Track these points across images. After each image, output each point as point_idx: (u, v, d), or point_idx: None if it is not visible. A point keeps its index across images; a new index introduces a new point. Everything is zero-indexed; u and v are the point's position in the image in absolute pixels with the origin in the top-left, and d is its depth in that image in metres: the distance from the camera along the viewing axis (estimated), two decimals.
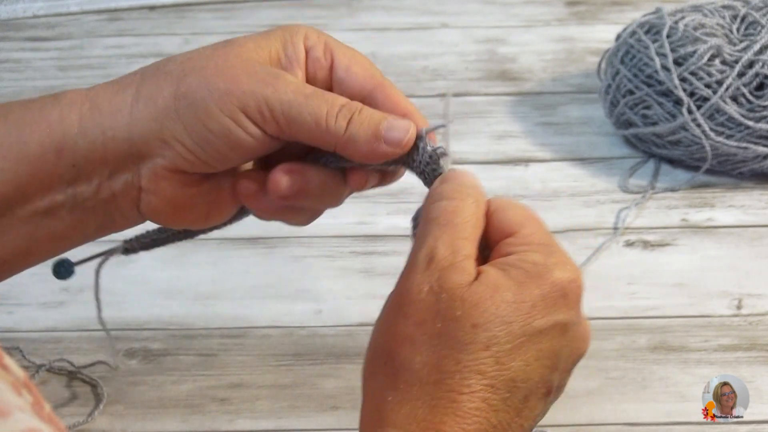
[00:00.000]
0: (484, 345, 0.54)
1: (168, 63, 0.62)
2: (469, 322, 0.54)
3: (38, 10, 1.33)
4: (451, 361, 0.54)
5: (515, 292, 0.56)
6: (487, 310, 0.55)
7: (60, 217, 0.62)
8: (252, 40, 0.62)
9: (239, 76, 0.60)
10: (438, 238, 0.57)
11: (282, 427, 0.80)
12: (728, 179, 1.03)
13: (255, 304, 0.90)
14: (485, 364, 0.54)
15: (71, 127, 0.61)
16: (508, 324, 0.55)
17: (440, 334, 0.55)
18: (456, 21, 1.30)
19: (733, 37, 1.04)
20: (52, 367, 0.84)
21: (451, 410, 0.54)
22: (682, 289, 0.91)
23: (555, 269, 0.57)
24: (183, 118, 0.60)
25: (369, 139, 0.61)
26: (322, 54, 0.63)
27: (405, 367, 0.55)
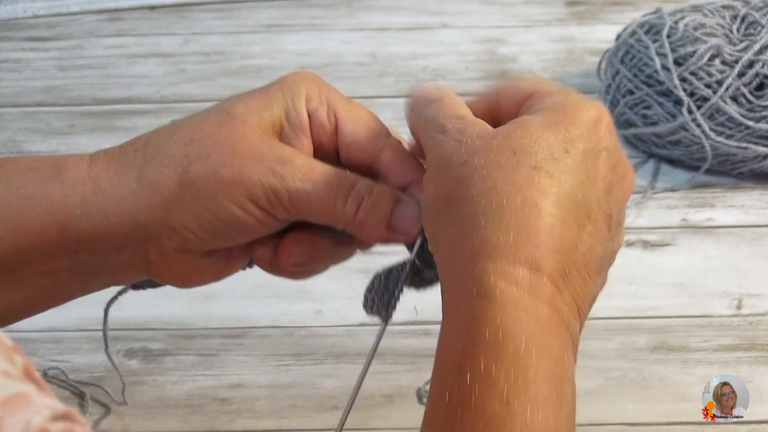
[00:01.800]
0: (532, 166, 0.54)
1: (169, 143, 0.60)
2: (508, 150, 0.54)
3: (38, 10, 1.33)
4: (507, 183, 0.53)
5: (545, 123, 0.55)
6: (523, 137, 0.54)
7: (63, 279, 0.62)
8: (253, 113, 0.60)
9: (246, 165, 0.59)
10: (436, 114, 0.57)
11: (282, 427, 0.80)
12: (728, 179, 1.03)
13: (255, 304, 0.90)
14: (542, 183, 0.53)
15: (74, 208, 0.59)
16: (549, 146, 0.54)
17: (486, 165, 0.54)
18: (456, 21, 1.30)
19: (733, 37, 1.04)
20: (46, 374, 0.84)
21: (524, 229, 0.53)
22: (682, 289, 0.91)
23: (578, 104, 0.56)
24: (191, 208, 0.59)
25: (378, 226, 0.61)
26: (326, 116, 0.62)
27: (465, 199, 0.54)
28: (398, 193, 0.61)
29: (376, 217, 0.60)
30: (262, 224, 0.60)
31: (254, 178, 0.59)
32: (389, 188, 0.61)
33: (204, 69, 1.20)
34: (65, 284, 0.62)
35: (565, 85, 0.59)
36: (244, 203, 0.59)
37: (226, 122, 0.60)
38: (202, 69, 1.20)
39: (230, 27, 1.29)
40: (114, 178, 0.60)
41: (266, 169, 0.59)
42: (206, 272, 0.64)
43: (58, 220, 0.59)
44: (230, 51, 1.24)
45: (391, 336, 0.85)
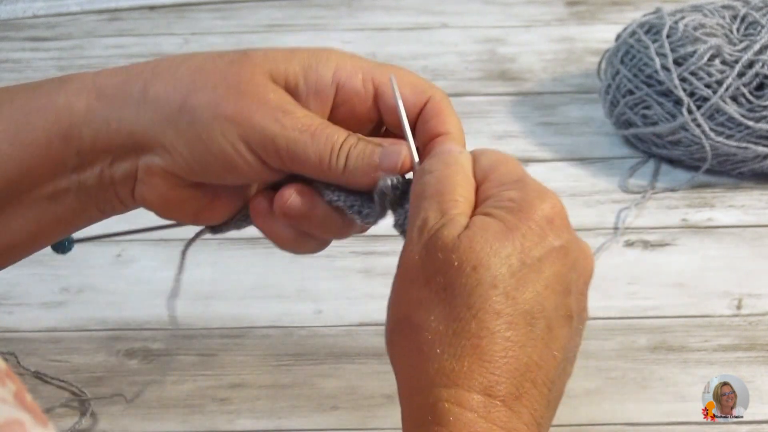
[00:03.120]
0: (490, 284, 0.54)
1: (180, 65, 0.61)
2: (468, 266, 0.54)
3: (38, 10, 1.33)
4: (463, 308, 0.54)
5: (503, 229, 0.56)
6: (482, 250, 0.55)
7: (64, 202, 0.63)
8: (271, 60, 0.61)
9: (248, 105, 0.60)
10: (427, 209, 0.57)
11: (282, 427, 0.80)
12: (728, 179, 1.03)
13: (255, 304, 0.90)
14: (497, 303, 0.54)
15: (78, 115, 0.61)
16: (507, 258, 0.55)
17: (446, 287, 0.55)
18: (456, 21, 1.30)
19: (733, 37, 1.04)
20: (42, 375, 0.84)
21: (477, 356, 0.53)
22: (682, 289, 0.91)
23: (534, 201, 0.57)
24: (185, 133, 0.60)
25: (366, 171, 0.61)
26: (361, 84, 0.62)
27: (422, 327, 0.55)
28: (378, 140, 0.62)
29: (362, 162, 0.61)
30: (250, 169, 0.61)
31: (254, 120, 0.60)
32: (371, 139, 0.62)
33: None
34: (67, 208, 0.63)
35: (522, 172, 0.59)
36: (236, 142, 0.60)
37: (239, 61, 0.61)
38: None
39: (230, 27, 1.30)
40: (118, 86, 0.61)
41: (268, 115, 0.60)
42: (187, 205, 0.64)
43: (62, 129, 0.61)
44: None
45: None
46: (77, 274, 0.93)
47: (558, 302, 0.56)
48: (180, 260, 0.70)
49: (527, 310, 0.55)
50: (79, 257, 0.94)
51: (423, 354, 0.54)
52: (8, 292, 0.91)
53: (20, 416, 0.37)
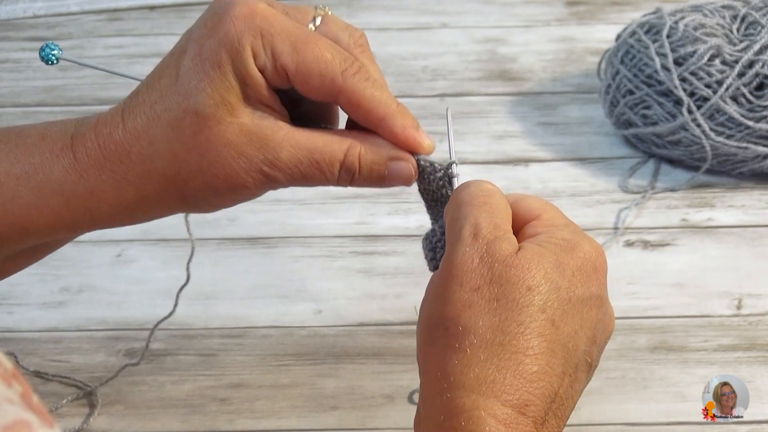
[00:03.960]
0: (540, 308, 0.55)
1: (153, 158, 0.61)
2: (524, 285, 0.56)
3: (38, 10, 1.33)
4: (513, 323, 0.55)
5: (556, 262, 0.57)
6: (538, 274, 0.56)
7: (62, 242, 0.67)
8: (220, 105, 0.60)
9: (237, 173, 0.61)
10: (478, 215, 0.58)
11: (282, 427, 0.80)
12: (728, 179, 1.03)
13: (255, 304, 0.90)
14: (544, 327, 0.55)
15: None
16: (557, 289, 0.56)
17: (498, 298, 0.55)
18: (456, 21, 1.30)
19: (733, 37, 1.04)
20: (45, 373, 0.84)
21: (519, 372, 0.54)
22: (682, 289, 0.91)
23: (584, 244, 0.58)
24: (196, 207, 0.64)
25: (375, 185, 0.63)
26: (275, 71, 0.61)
27: (469, 330, 0.55)
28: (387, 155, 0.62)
29: (370, 182, 0.63)
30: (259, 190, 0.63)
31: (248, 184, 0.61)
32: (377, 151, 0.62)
33: None
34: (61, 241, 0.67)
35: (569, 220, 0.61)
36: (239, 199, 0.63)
37: (201, 128, 0.60)
38: None
39: None
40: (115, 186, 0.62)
41: (257, 173, 0.61)
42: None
43: None
44: None
45: (391, 336, 0.85)
46: (77, 274, 0.93)
47: (587, 347, 0.58)
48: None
49: (565, 343, 0.56)
50: (79, 257, 0.94)
51: (465, 356, 0.55)
52: (8, 292, 0.91)
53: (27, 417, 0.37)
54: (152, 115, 0.61)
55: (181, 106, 0.61)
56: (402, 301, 0.62)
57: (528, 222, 0.60)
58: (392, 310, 0.62)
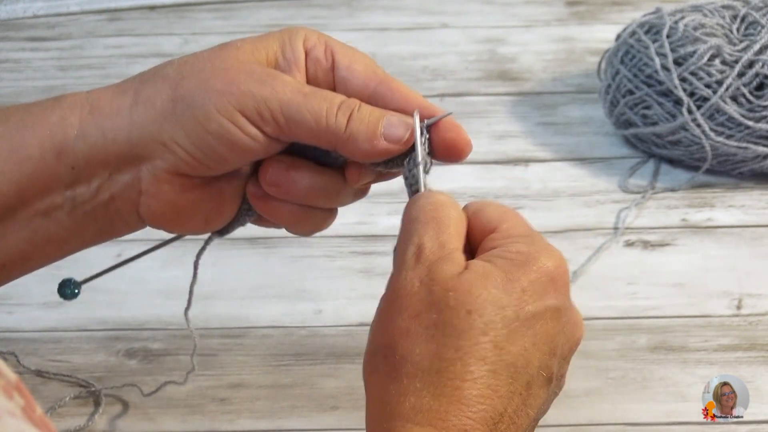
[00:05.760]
0: (481, 330, 0.54)
1: (166, 66, 0.62)
2: (463, 309, 0.55)
3: (38, 10, 1.33)
4: (450, 349, 0.54)
5: (504, 279, 0.56)
6: (480, 296, 0.55)
7: (59, 220, 0.62)
8: (249, 42, 0.62)
9: (236, 77, 0.60)
10: (423, 234, 0.57)
11: (282, 427, 0.80)
12: (728, 179, 1.03)
13: (255, 304, 0.90)
14: (485, 350, 0.54)
15: (71, 129, 0.61)
16: (502, 309, 0.55)
17: (437, 324, 0.55)
18: (456, 21, 1.30)
19: (733, 37, 1.04)
20: (46, 372, 0.84)
21: (456, 398, 0.54)
22: (682, 289, 0.91)
23: (540, 256, 0.57)
24: (181, 121, 0.60)
25: (369, 137, 0.61)
26: (323, 54, 0.63)
27: (405, 359, 0.55)
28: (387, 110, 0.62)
29: (367, 127, 0.61)
30: (251, 140, 0.61)
31: (244, 87, 0.60)
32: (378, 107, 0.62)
33: None
34: (61, 226, 0.63)
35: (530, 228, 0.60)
36: (234, 114, 0.60)
37: (221, 48, 0.62)
38: None
39: (230, 27, 1.29)
40: (111, 98, 0.62)
41: (257, 81, 0.60)
42: (196, 212, 0.64)
43: (56, 143, 0.61)
44: None
45: None
46: (77, 274, 0.93)
47: (543, 362, 0.56)
48: (193, 271, 0.70)
49: (512, 362, 0.55)
50: (79, 257, 0.94)
51: (402, 385, 0.54)
52: (8, 292, 0.91)
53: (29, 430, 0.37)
54: None
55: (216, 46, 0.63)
56: None
57: (487, 234, 0.59)
58: None
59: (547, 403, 0.59)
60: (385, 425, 0.54)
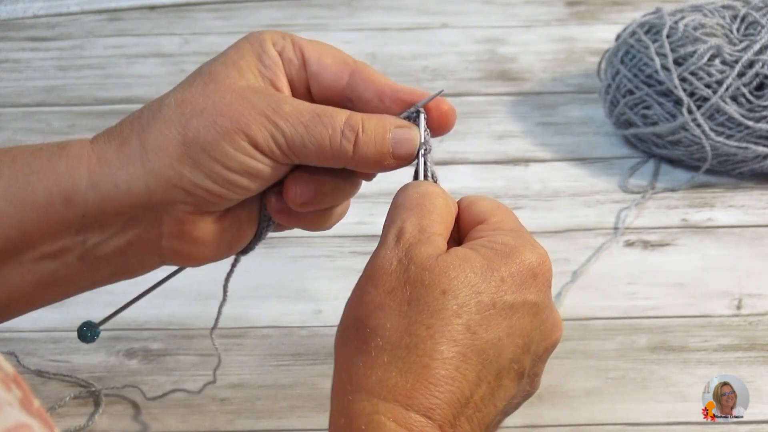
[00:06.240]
0: (454, 312, 0.54)
1: (162, 108, 0.61)
2: (438, 289, 0.55)
3: (38, 10, 1.33)
4: (422, 326, 0.54)
5: (484, 266, 0.56)
6: (457, 278, 0.55)
7: (68, 263, 0.62)
8: (231, 66, 0.62)
9: (241, 112, 0.60)
10: (406, 219, 0.58)
11: (282, 427, 0.80)
12: (728, 179, 1.03)
13: (255, 304, 0.90)
14: (457, 331, 0.54)
15: (80, 180, 0.60)
16: (478, 294, 0.55)
17: (410, 300, 0.55)
18: (456, 21, 1.30)
19: (733, 37, 1.04)
20: (46, 372, 0.84)
21: (423, 377, 0.53)
22: (682, 289, 0.91)
23: (524, 250, 0.57)
24: (199, 164, 0.60)
25: (378, 159, 0.62)
26: (292, 52, 0.64)
27: (376, 332, 0.55)
28: (390, 119, 0.62)
29: (374, 150, 0.61)
30: (269, 168, 0.61)
31: (252, 125, 0.60)
32: (378, 117, 0.62)
33: None
34: (70, 269, 0.62)
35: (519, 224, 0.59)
36: (248, 148, 0.60)
37: (210, 80, 0.61)
38: None
39: (230, 27, 1.29)
40: (117, 149, 0.61)
41: (260, 116, 0.60)
42: (222, 240, 0.64)
43: (64, 191, 0.60)
44: None
45: None
46: None
47: (515, 355, 0.56)
48: (223, 293, 0.70)
49: (483, 349, 0.55)
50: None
51: (370, 358, 0.54)
52: None
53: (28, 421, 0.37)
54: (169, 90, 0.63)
55: (193, 74, 0.63)
56: None
57: (476, 224, 0.59)
58: None
59: (517, 398, 0.58)
60: (349, 397, 0.54)
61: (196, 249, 0.64)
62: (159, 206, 0.61)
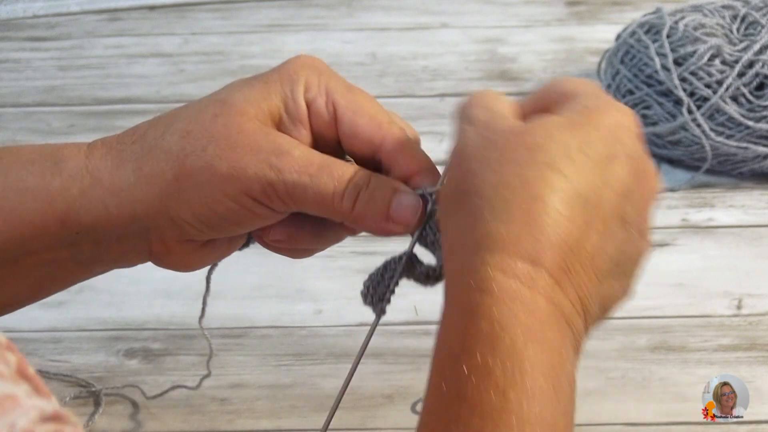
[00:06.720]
0: (545, 164, 0.53)
1: (166, 135, 0.60)
2: (524, 147, 0.53)
3: (38, 10, 1.33)
4: (515, 177, 0.53)
5: (567, 123, 0.54)
6: (540, 136, 0.54)
7: (65, 267, 0.62)
8: (251, 103, 0.60)
9: (242, 158, 0.59)
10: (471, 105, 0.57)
11: (282, 427, 0.80)
12: (728, 179, 1.03)
13: (255, 304, 0.90)
14: (551, 179, 0.53)
15: (74, 201, 0.60)
16: (566, 146, 0.53)
17: (500, 160, 0.53)
18: (456, 21, 1.30)
19: (733, 37, 1.04)
20: (46, 372, 0.84)
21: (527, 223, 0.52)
22: (682, 289, 0.91)
23: (609, 109, 0.55)
24: (187, 201, 0.59)
25: (377, 219, 0.60)
26: (324, 106, 0.61)
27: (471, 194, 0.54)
28: (396, 184, 0.61)
29: (373, 209, 0.60)
30: (258, 217, 0.60)
31: (250, 171, 0.59)
32: (387, 179, 0.61)
33: (204, 69, 1.20)
34: (67, 271, 0.63)
35: (599, 91, 0.57)
36: (240, 197, 0.59)
37: (222, 113, 0.60)
38: (202, 69, 1.20)
39: (230, 27, 1.29)
40: (112, 170, 0.60)
41: (263, 162, 0.59)
42: (208, 258, 0.65)
43: (58, 212, 0.60)
44: (230, 51, 1.24)
45: (391, 336, 0.85)
46: None
47: (615, 201, 0.54)
48: (206, 284, 0.70)
49: (583, 193, 0.53)
50: None
51: (472, 216, 0.53)
52: None
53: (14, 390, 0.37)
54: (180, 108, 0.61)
55: (212, 98, 0.61)
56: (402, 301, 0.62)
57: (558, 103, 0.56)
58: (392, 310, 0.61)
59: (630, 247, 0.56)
60: (457, 260, 0.53)
61: (183, 264, 0.64)
62: (146, 230, 0.61)
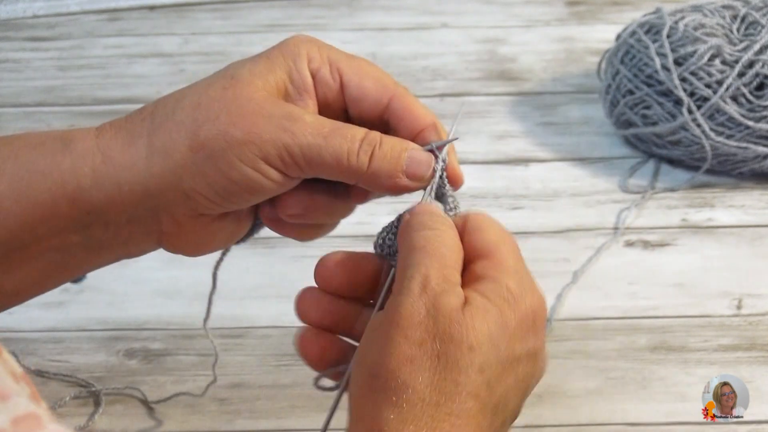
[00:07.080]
0: (479, 368, 0.55)
1: (176, 109, 0.61)
2: (465, 344, 0.55)
3: (38, 10, 1.33)
4: (451, 383, 0.55)
5: (499, 317, 0.57)
6: (482, 334, 0.56)
7: (74, 254, 0.62)
8: (257, 76, 0.61)
9: (255, 123, 0.59)
10: (429, 266, 0.57)
11: (282, 427, 0.80)
12: (728, 179, 1.03)
13: (255, 304, 0.90)
14: (479, 388, 0.55)
15: (84, 179, 0.60)
16: (497, 348, 0.56)
17: (440, 355, 0.55)
18: (456, 21, 1.30)
19: (733, 37, 1.04)
20: (46, 372, 0.84)
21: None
22: (682, 289, 0.91)
23: (526, 296, 0.58)
24: (202, 171, 0.60)
25: (391, 174, 0.61)
26: (329, 75, 0.62)
27: (407, 385, 0.55)
28: (407, 141, 0.62)
29: (388, 166, 0.61)
30: (274, 183, 0.61)
31: (265, 136, 0.59)
32: (397, 138, 0.61)
33: (204, 69, 1.20)
34: (76, 258, 0.63)
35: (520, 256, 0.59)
36: (256, 162, 0.59)
37: (231, 85, 0.60)
38: (202, 69, 1.20)
39: (230, 27, 1.29)
40: (123, 147, 0.60)
41: (276, 127, 0.59)
42: (218, 237, 0.64)
43: (69, 192, 0.60)
44: (230, 51, 1.24)
45: None
46: None
47: (517, 404, 0.58)
48: (212, 281, 0.70)
49: (497, 403, 0.56)
50: None
51: (401, 412, 0.55)
52: None
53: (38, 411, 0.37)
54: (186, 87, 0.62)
55: (218, 74, 0.61)
56: None
57: (480, 258, 0.59)
58: None
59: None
60: None
61: (192, 244, 0.64)
62: (158, 207, 0.61)
